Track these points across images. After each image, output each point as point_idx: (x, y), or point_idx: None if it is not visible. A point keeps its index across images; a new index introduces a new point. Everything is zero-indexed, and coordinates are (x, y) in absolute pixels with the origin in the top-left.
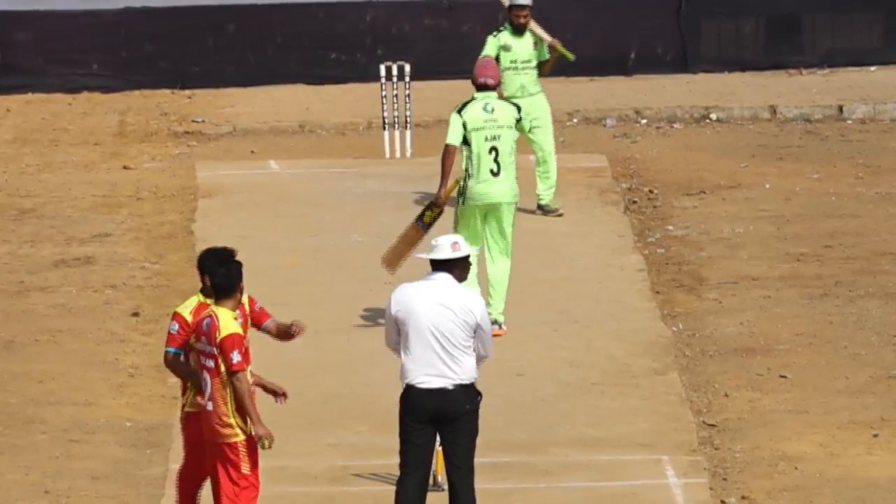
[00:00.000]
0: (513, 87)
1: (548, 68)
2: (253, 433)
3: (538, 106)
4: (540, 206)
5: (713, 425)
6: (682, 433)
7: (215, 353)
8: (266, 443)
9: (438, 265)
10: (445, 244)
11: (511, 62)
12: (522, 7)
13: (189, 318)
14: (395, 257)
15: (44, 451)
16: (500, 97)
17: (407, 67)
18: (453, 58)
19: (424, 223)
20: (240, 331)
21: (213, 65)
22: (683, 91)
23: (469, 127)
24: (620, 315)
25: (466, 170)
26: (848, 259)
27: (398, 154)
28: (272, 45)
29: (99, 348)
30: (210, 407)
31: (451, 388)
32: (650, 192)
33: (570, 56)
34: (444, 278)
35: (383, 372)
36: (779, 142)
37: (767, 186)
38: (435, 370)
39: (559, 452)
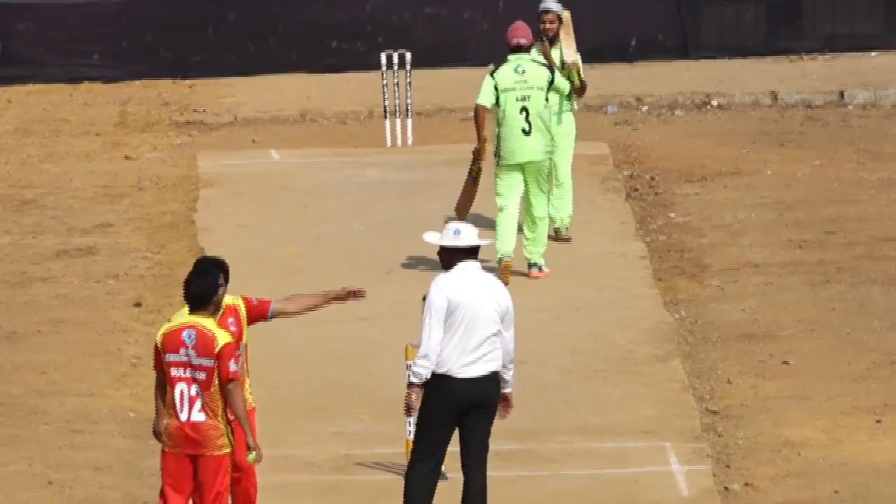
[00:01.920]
0: None
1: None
2: (248, 442)
3: (561, 126)
4: (555, 230)
5: (716, 412)
6: (684, 420)
7: (208, 364)
8: (255, 454)
9: (462, 253)
10: (468, 231)
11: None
12: (548, 11)
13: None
14: (462, 209)
15: (47, 441)
16: (545, 54)
17: (408, 56)
18: (454, 46)
19: (473, 177)
20: (231, 339)
21: (213, 54)
22: (684, 78)
23: (500, 88)
24: (622, 302)
25: (498, 129)
26: (850, 245)
27: (399, 143)
28: (273, 34)
29: (101, 338)
30: (203, 418)
31: (488, 375)
32: (651, 179)
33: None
34: (475, 266)
35: (385, 361)
36: (780, 128)
37: (769, 173)
38: (475, 358)
39: (562, 440)
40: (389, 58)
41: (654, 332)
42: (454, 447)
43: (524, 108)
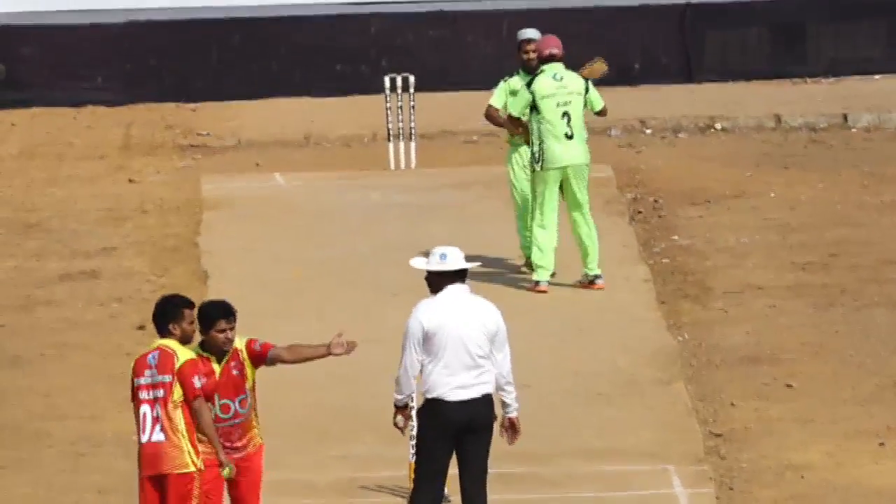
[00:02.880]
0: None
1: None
2: (219, 459)
3: None
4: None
5: (719, 435)
6: (688, 443)
7: (167, 381)
8: (228, 469)
9: (450, 276)
10: (454, 255)
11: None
12: (529, 41)
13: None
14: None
15: (51, 465)
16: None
17: (411, 79)
18: (457, 69)
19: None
20: (195, 356)
21: (217, 78)
22: (688, 101)
23: (538, 95)
24: (626, 325)
25: (540, 135)
26: (853, 268)
27: (402, 165)
28: (276, 58)
29: (105, 362)
30: (162, 437)
31: (480, 397)
32: (655, 201)
33: (602, 67)
34: (463, 289)
35: (390, 384)
36: (784, 151)
37: (772, 195)
38: (465, 382)
39: (565, 463)
40: (393, 81)
41: (658, 355)
42: (455, 469)
43: (566, 113)
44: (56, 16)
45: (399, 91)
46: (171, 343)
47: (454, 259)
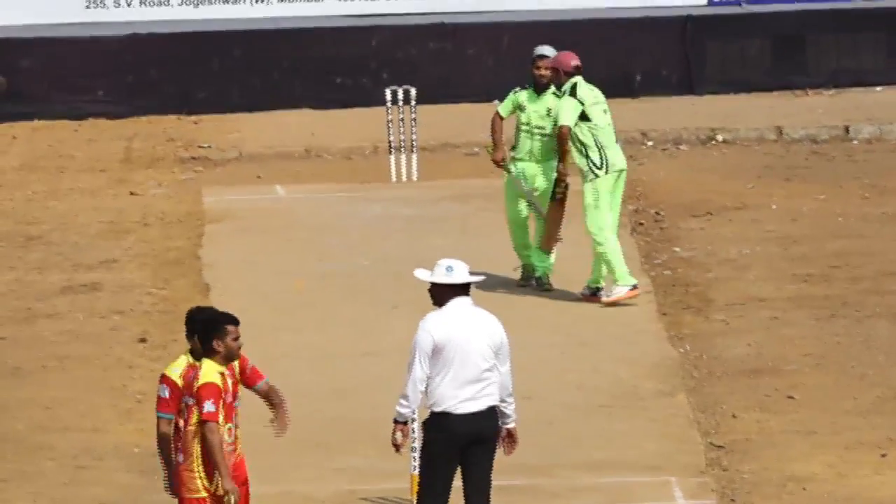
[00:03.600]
0: (523, 149)
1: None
2: (221, 486)
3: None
4: (537, 279)
5: (721, 447)
6: (689, 455)
7: (191, 403)
8: (232, 498)
9: (454, 289)
10: (460, 268)
11: (524, 124)
12: (542, 57)
13: (179, 382)
14: (551, 239)
15: (52, 477)
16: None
17: (412, 91)
18: (459, 82)
19: (559, 198)
20: (218, 382)
21: (218, 90)
22: (689, 112)
23: (587, 103)
24: (627, 337)
25: (597, 142)
26: (855, 279)
27: (404, 178)
28: (278, 70)
29: (106, 374)
30: (181, 459)
31: (485, 410)
32: (656, 213)
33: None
34: (468, 302)
35: (390, 396)
36: (785, 162)
37: (774, 207)
38: (471, 394)
39: (567, 475)
40: (394, 93)
41: (659, 367)
42: (458, 482)
43: (609, 121)
44: (57, 28)
45: (400, 103)
46: (204, 362)
47: (460, 272)
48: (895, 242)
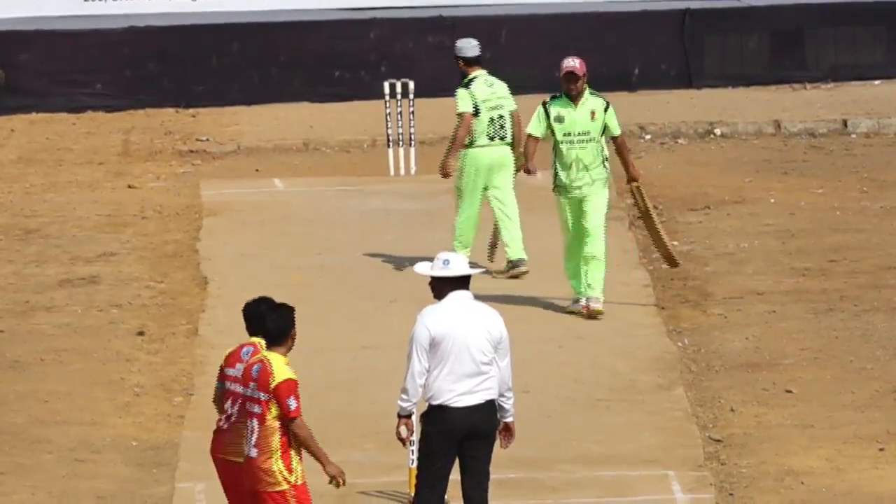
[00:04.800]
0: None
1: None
2: (326, 472)
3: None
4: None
5: (719, 440)
6: (687, 448)
7: (263, 398)
8: (338, 481)
9: (453, 283)
10: (457, 261)
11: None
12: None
13: (224, 356)
14: (665, 249)
15: (50, 470)
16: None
17: (411, 85)
18: (457, 75)
19: (645, 203)
20: (294, 377)
21: (217, 83)
22: (687, 106)
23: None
24: (625, 331)
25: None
26: (853, 273)
27: (402, 171)
28: (276, 64)
29: (104, 368)
30: (254, 454)
31: (483, 404)
32: (655, 207)
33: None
34: (467, 296)
35: (389, 390)
36: (783, 156)
37: (772, 201)
38: (469, 388)
39: (565, 469)
40: (392, 87)
41: (658, 361)
42: (456, 475)
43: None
44: (56, 21)
45: (399, 97)
46: (273, 357)
47: (457, 265)
48: (893, 236)
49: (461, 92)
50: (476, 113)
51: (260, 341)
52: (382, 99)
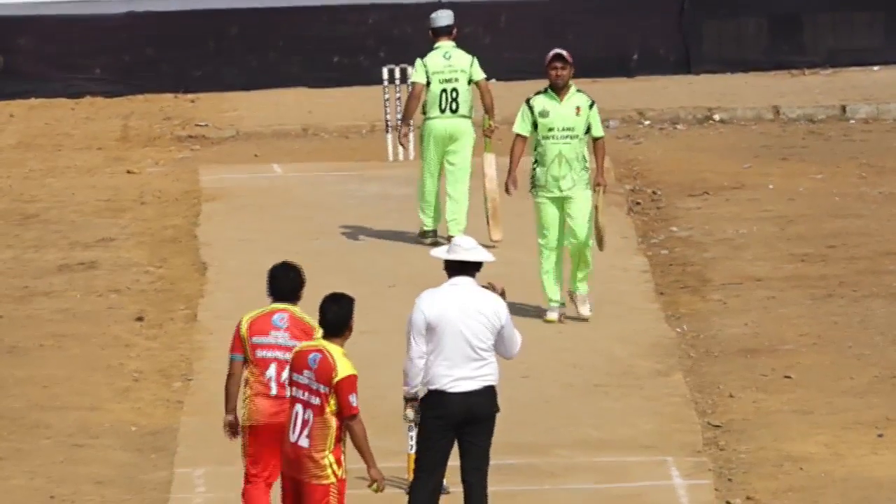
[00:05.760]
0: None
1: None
2: (369, 475)
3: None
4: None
5: (718, 426)
6: (686, 434)
7: (323, 391)
8: (377, 486)
9: (458, 268)
10: (462, 245)
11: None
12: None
13: (245, 325)
14: (598, 234)
15: (48, 455)
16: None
17: (409, 70)
18: None
19: (599, 202)
20: (355, 371)
21: (215, 69)
22: (686, 92)
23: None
24: (624, 316)
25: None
26: (852, 259)
27: (401, 157)
28: (274, 49)
29: (103, 353)
30: (305, 444)
31: (481, 389)
32: (653, 193)
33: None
34: (468, 282)
35: (387, 375)
36: (782, 142)
37: (771, 187)
38: (467, 374)
39: (563, 454)
40: (391, 72)
41: (656, 347)
42: (456, 460)
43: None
44: (54, 6)
45: (397, 82)
46: (332, 349)
47: (460, 250)
48: (892, 222)
49: (417, 62)
50: (428, 83)
51: (290, 307)
52: (381, 84)
